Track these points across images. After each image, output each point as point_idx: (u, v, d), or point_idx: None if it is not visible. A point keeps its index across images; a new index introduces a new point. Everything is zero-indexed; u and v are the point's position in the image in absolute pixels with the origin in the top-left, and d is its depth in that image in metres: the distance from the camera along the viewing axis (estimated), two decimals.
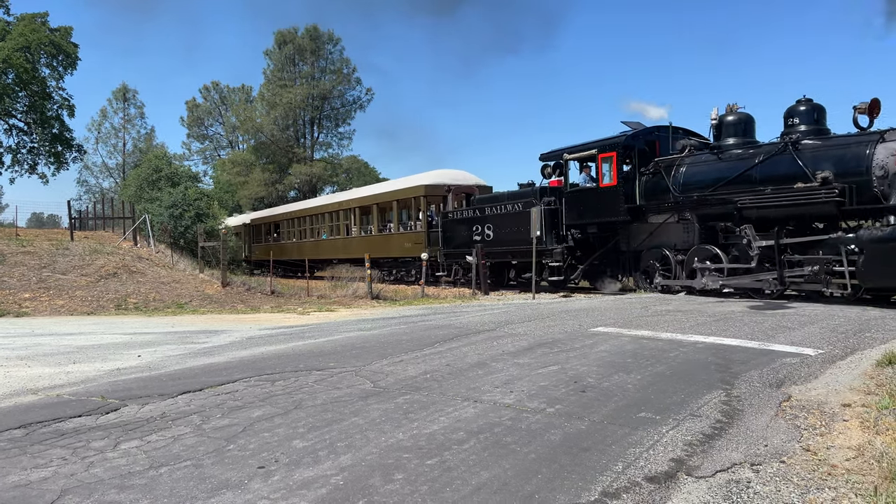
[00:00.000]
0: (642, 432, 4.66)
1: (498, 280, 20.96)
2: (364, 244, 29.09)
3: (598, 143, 17.28)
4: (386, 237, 28.45)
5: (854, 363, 6.83)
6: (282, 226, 40.12)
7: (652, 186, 16.36)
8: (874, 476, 3.78)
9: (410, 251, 25.79)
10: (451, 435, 4.65)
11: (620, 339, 8.57)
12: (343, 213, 32.47)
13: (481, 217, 21.12)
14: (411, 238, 26.13)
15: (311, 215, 36.24)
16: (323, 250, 33.65)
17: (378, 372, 6.92)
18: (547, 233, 18.05)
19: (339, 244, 32.42)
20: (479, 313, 12.55)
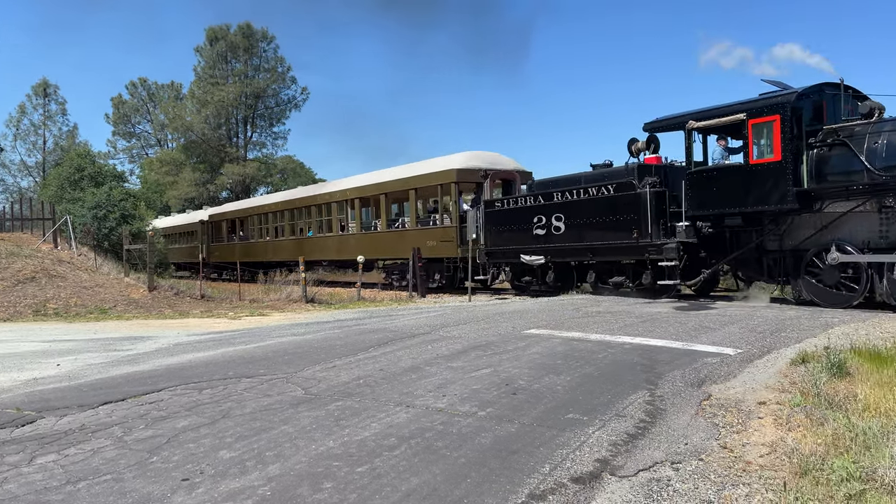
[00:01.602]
0: (570, 433, 4.76)
1: (565, 285, 16.53)
2: (366, 243, 24.20)
3: (747, 105, 12.66)
4: (399, 234, 22.94)
5: (770, 362, 7.16)
6: (250, 222, 34.50)
7: (830, 163, 11.79)
8: (785, 472, 3.98)
9: (436, 251, 20.74)
10: (383, 441, 4.65)
11: (552, 341, 8.73)
12: (337, 205, 26.56)
13: (547, 206, 16.39)
14: (437, 234, 20.84)
15: (291, 209, 30.37)
16: (308, 250, 27.72)
17: (310, 378, 6.84)
18: (653, 223, 13.85)
19: (330, 243, 26.88)
20: (414, 316, 12.56)
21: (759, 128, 12.39)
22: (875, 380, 5.81)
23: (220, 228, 38.16)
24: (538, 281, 16.91)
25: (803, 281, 12.23)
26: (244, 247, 34.34)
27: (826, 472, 3.83)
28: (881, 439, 4.24)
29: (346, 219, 26.26)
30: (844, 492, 3.57)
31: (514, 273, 17.85)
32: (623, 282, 14.91)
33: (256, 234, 33.48)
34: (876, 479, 3.71)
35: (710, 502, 3.61)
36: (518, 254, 17.06)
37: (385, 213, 23.94)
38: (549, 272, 16.50)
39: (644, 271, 14.31)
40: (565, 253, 16.03)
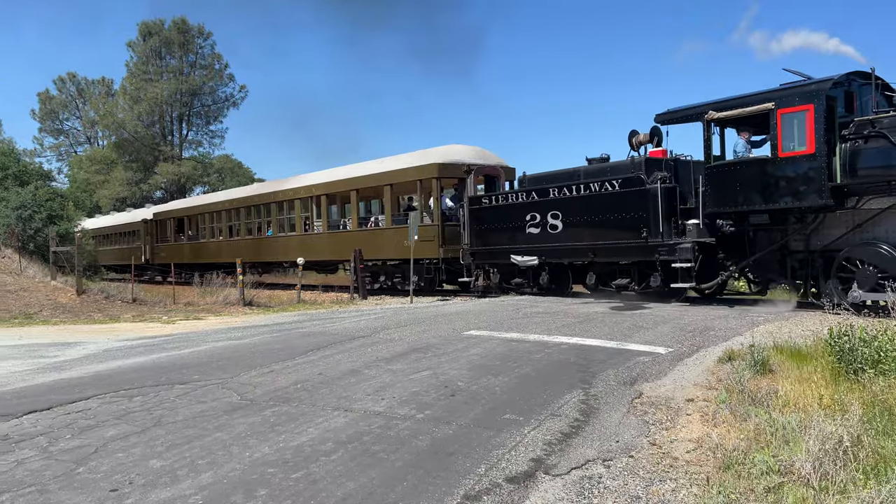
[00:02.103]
0: (506, 434, 4.84)
1: (559, 287, 15.50)
2: (335, 243, 22.41)
3: (776, 93, 11.57)
4: (372, 233, 21.29)
5: (699, 360, 7.43)
6: (200, 221, 31.85)
7: (866, 156, 10.80)
8: (710, 466, 4.14)
9: (415, 251, 19.34)
10: (320, 446, 4.62)
11: (491, 342, 8.83)
12: (301, 202, 24.46)
13: (541, 202, 15.20)
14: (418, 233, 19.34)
15: (248, 207, 28.14)
16: (267, 251, 26.41)
17: (246, 384, 6.73)
18: (664, 222, 12.80)
19: (293, 243, 24.70)
20: (356, 319, 12.49)
21: (789, 118, 11.30)
22: (795, 376, 6.10)
23: (166, 228, 35.35)
24: (529, 283, 15.83)
25: (833, 284, 11.15)
26: (194, 247, 31.99)
27: (748, 465, 4.00)
28: (799, 433, 4.46)
29: (311, 217, 24.18)
30: (764, 485, 3.75)
31: (501, 274, 16.66)
32: (627, 284, 13.78)
33: (208, 234, 30.99)
34: (794, 472, 3.90)
35: (639, 498, 3.73)
36: (508, 254, 15.90)
37: (356, 211, 22.41)
38: (542, 274, 15.41)
39: (652, 273, 13.24)
40: (563, 253, 14.87)
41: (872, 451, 4.03)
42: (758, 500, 3.57)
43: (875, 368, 5.89)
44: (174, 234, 34.54)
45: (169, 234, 35.04)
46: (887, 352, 5.96)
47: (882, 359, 5.94)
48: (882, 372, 5.81)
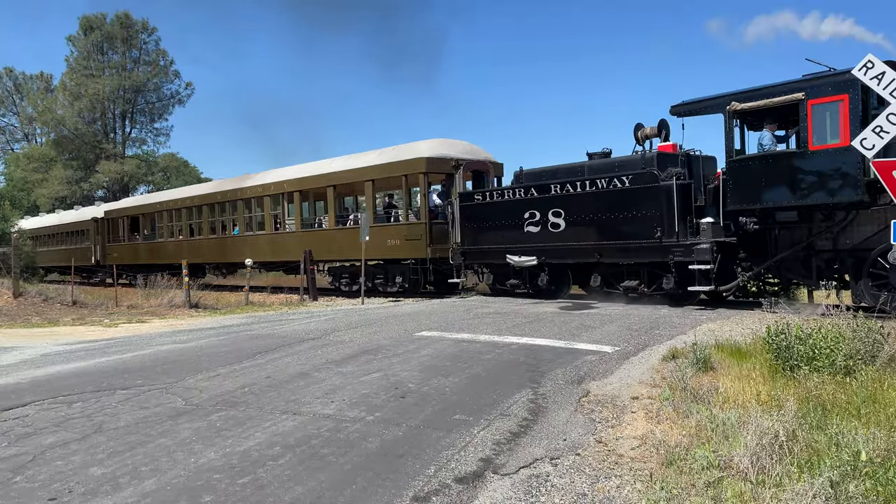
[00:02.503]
0: (456, 435, 4.87)
1: (559, 289, 14.82)
2: (309, 242, 20.53)
3: (805, 83, 10.88)
4: (352, 232, 19.41)
5: (644, 358, 7.61)
6: (158, 219, 29.77)
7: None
8: (653, 463, 4.25)
9: (399, 251, 18.26)
10: (267, 451, 4.56)
11: (442, 343, 8.86)
12: (271, 199, 22.94)
13: (542, 199, 14.38)
14: (401, 232, 18.32)
15: (211, 204, 26.23)
16: (233, 251, 24.50)
17: (191, 388, 6.59)
18: (679, 220, 12.09)
19: (262, 243, 23.30)
20: (305, 321, 12.36)
21: (821, 109, 10.66)
22: (735, 373, 6.30)
23: (119, 227, 32.93)
24: (525, 284, 14.97)
25: (864, 284, 10.68)
26: (151, 247, 30.02)
27: (689, 461, 4.12)
28: (738, 429, 4.60)
29: (282, 215, 22.88)
30: (705, 479, 3.86)
31: (494, 276, 15.85)
32: (637, 286, 13.07)
33: (166, 233, 29.03)
34: (732, 467, 4.02)
35: (585, 495, 3.80)
36: (503, 254, 15.03)
37: (333, 209, 20.86)
38: (541, 275, 14.56)
39: (664, 275, 12.52)
40: (565, 253, 14.06)
41: (806, 444, 4.19)
42: (698, 495, 3.67)
43: (810, 365, 6.13)
44: (128, 233, 32.20)
45: (122, 234, 32.69)
46: (821, 349, 6.21)
47: (816, 356, 6.18)
48: (816, 368, 6.05)
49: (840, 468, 3.67)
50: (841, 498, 3.38)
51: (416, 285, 18.24)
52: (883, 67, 6.15)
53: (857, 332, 6.43)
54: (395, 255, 18.42)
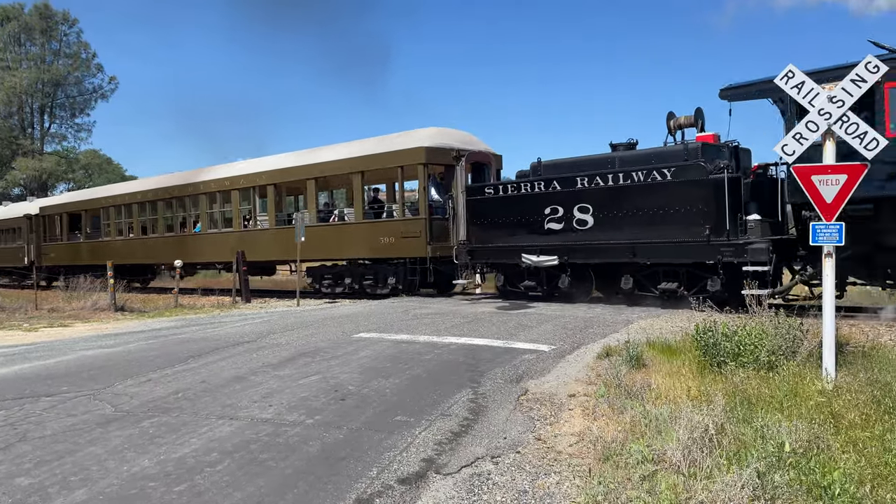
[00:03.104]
0: (397, 436, 4.87)
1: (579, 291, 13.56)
2: (286, 241, 18.70)
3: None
4: (338, 230, 18.39)
5: (580, 357, 7.78)
6: (104, 216, 27.16)
7: None
8: (591, 458, 4.36)
9: (393, 249, 16.74)
10: (204, 457, 4.45)
11: (381, 344, 8.83)
12: (240, 193, 21.11)
13: (565, 193, 13.12)
14: (395, 229, 16.77)
15: (168, 199, 23.98)
16: (195, 250, 22.37)
17: (121, 394, 6.36)
18: (730, 217, 11.03)
19: (229, 242, 20.88)
20: (239, 324, 12.09)
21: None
22: (666, 370, 6.53)
23: (56, 224, 30.06)
24: (542, 286, 13.77)
25: None
26: (95, 247, 27.37)
27: (625, 456, 4.25)
28: (670, 424, 4.77)
29: (253, 210, 21.13)
30: (640, 473, 3.99)
31: (506, 277, 14.57)
32: (676, 289, 11.91)
33: (114, 231, 26.62)
34: (666, 460, 4.17)
35: (526, 492, 3.87)
36: (519, 253, 13.77)
37: (314, 204, 19.16)
38: (562, 276, 13.34)
39: (708, 276, 11.48)
40: (592, 253, 12.83)
41: (734, 437, 4.39)
42: (634, 489, 3.79)
43: (735, 361, 6.41)
44: (67, 231, 29.33)
45: (60, 233, 29.87)
46: (745, 346, 6.51)
47: (741, 352, 6.47)
48: (741, 364, 6.34)
49: (766, 459, 3.86)
50: (767, 487, 3.55)
51: (411, 286, 16.92)
52: (803, 77, 6.47)
53: (779, 328, 6.76)
54: (388, 254, 16.94)
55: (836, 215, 6.17)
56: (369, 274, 17.62)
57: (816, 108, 6.30)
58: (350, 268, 18.29)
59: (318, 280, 19.13)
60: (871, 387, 5.44)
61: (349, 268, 18.33)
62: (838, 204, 6.16)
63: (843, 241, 6.14)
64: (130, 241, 25.74)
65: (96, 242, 27.54)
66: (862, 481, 3.65)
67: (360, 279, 17.83)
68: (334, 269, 18.77)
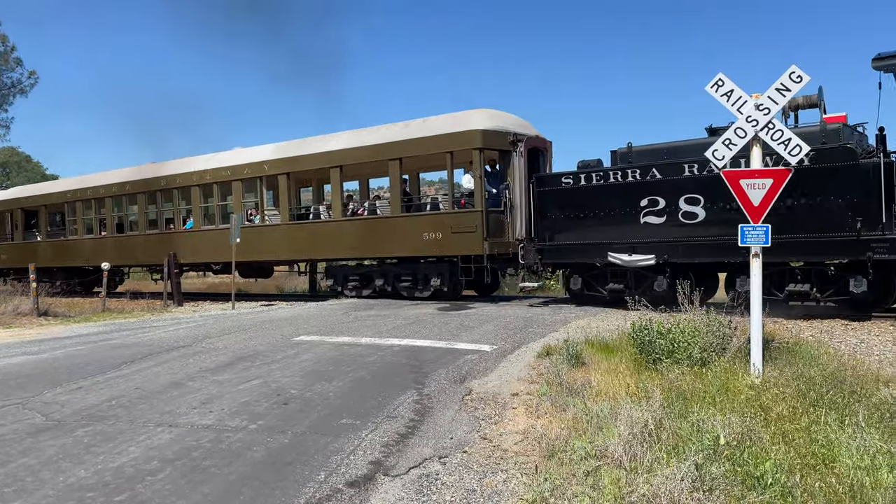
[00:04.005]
0: (344, 439, 4.84)
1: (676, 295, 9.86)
2: (303, 238, 17.00)
3: None
4: (370, 225, 16.05)
5: (521, 356, 7.91)
6: (70, 211, 24.19)
7: None
8: (536, 456, 4.45)
9: (440, 246, 14.59)
10: (144, 465, 4.32)
11: (323, 347, 8.74)
12: (244, 184, 18.54)
13: (667, 182, 11.42)
14: (447, 222, 14.51)
15: (151, 191, 21.26)
16: (188, 250, 19.80)
17: (51, 402, 6.10)
18: (886, 209, 9.66)
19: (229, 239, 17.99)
20: (172, 328, 11.75)
21: None
22: (605, 367, 6.72)
23: (6, 222, 26.92)
24: (631, 289, 11.93)
25: None
26: (57, 247, 24.50)
27: (569, 452, 4.35)
28: (611, 420, 4.91)
29: (260, 204, 18.55)
30: (584, 469, 4.09)
31: (584, 279, 12.74)
32: (809, 292, 10.48)
33: (81, 229, 23.59)
34: (608, 456, 4.29)
35: (474, 490, 3.92)
36: (604, 251, 12.04)
37: (339, 195, 16.75)
38: (658, 278, 11.64)
39: (850, 276, 10.11)
40: (702, 250, 11.15)
41: (672, 432, 4.55)
42: (579, 484, 3.89)
43: (670, 358, 6.64)
44: (22, 230, 26.16)
45: (11, 231, 26.65)
46: (679, 343, 6.75)
47: (675, 349, 6.72)
48: (676, 361, 6.57)
49: (703, 452, 4.02)
50: (705, 479, 3.70)
51: (456, 288, 15.05)
52: (731, 86, 6.77)
53: (710, 326, 7.04)
54: (432, 252, 14.91)
55: (763, 217, 6.47)
56: (406, 274, 15.42)
57: (744, 116, 6.59)
58: (382, 267, 16.06)
59: (340, 281, 16.75)
60: (796, 381, 5.73)
61: (380, 267, 16.09)
62: (765, 207, 6.46)
63: (769, 242, 6.44)
64: (103, 240, 22.64)
65: (58, 242, 24.60)
66: (791, 471, 3.85)
67: (392, 280, 15.69)
68: (361, 269, 16.58)
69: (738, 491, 3.64)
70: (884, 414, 4.79)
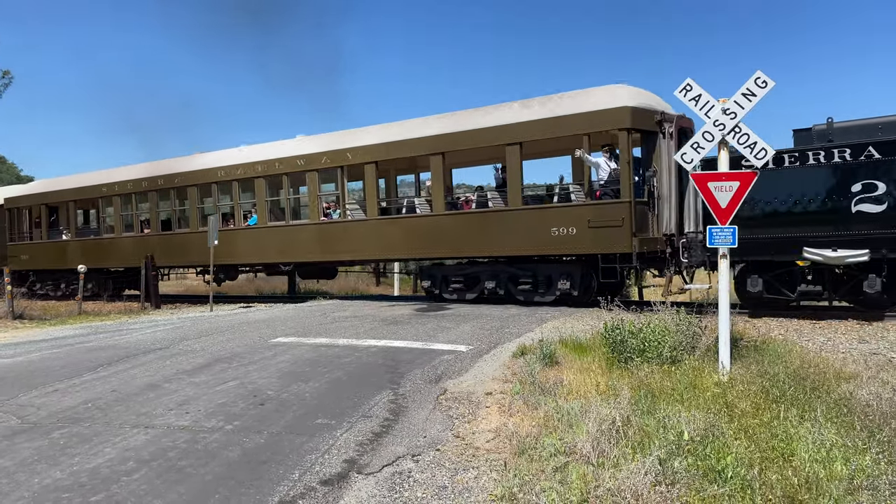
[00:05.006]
0: (319, 438, 4.92)
1: None
2: (394, 233, 15.21)
3: None
4: (481, 218, 14.00)
5: (496, 356, 8.02)
6: (106, 207, 21.80)
7: None
8: (507, 453, 4.55)
9: (573, 243, 12.66)
10: (120, 466, 4.37)
11: (300, 349, 8.79)
12: (319, 175, 16.43)
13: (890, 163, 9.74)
14: (584, 215, 12.58)
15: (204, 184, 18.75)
16: (249, 248, 17.81)
17: (26, 405, 6.10)
18: None
19: (305, 236, 16.63)
20: (149, 330, 11.72)
21: None
22: (578, 366, 6.84)
23: (25, 219, 24.15)
24: (830, 291, 10.51)
25: None
26: (89, 246, 21.71)
27: (539, 449, 4.47)
28: (581, 417, 5.04)
29: (341, 197, 16.35)
30: (553, 465, 4.21)
31: (765, 279, 10.84)
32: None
33: (119, 226, 20.93)
34: (577, 452, 4.41)
35: (446, 487, 4.02)
36: (796, 246, 10.24)
37: (441, 186, 14.45)
38: (870, 276, 10.00)
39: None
40: None
41: (639, 428, 4.69)
42: (548, 479, 4.01)
43: (641, 357, 6.80)
44: (46, 227, 23.29)
45: (30, 229, 23.96)
46: (650, 342, 6.91)
47: (646, 348, 6.88)
48: (647, 359, 6.73)
49: (667, 447, 4.16)
50: (668, 473, 3.83)
51: (588, 291, 13.20)
52: (700, 90, 6.94)
53: (681, 325, 7.21)
54: (561, 249, 13.05)
55: (730, 219, 6.64)
56: (524, 275, 13.45)
57: (712, 120, 6.77)
58: (493, 267, 14.11)
59: (439, 283, 14.81)
60: (761, 378, 5.90)
61: (491, 267, 14.14)
62: (732, 208, 6.64)
63: (736, 243, 6.62)
64: (146, 239, 20.18)
65: (91, 241, 22.04)
66: (752, 465, 4.00)
67: (506, 282, 13.68)
68: (466, 270, 14.60)
69: (700, 484, 3.77)
70: (841, 409, 4.96)
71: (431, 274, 15.04)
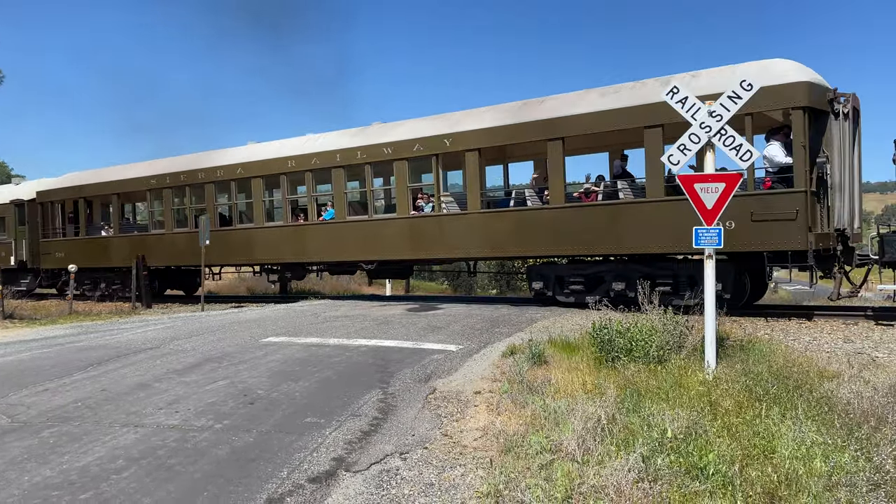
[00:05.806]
0: (308, 437, 4.96)
1: None
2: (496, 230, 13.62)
3: None
4: (610, 211, 12.41)
5: (486, 355, 8.08)
6: (154, 200, 20.20)
7: None
8: (493, 451, 4.61)
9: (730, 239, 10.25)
10: (109, 465, 4.40)
11: (291, 348, 8.82)
12: (408, 164, 14.81)
13: None
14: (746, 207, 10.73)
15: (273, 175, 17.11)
16: (323, 245, 16.24)
17: (16, 405, 6.12)
18: None
19: (394, 231, 15.06)
20: (140, 330, 11.72)
21: None
22: (566, 365, 6.91)
23: (58, 214, 22.53)
24: None
25: None
26: (136, 243, 20.26)
27: (525, 447, 4.52)
28: (567, 416, 5.10)
29: (437, 189, 14.71)
30: (538, 462, 4.27)
31: None
32: None
33: (171, 221, 19.43)
34: (562, 450, 4.47)
35: (433, 485, 4.07)
36: None
37: (561, 176, 12.83)
38: None
39: None
40: None
41: (624, 426, 4.75)
42: (533, 477, 4.06)
43: (628, 356, 6.87)
44: (86, 223, 21.77)
45: (62, 225, 22.42)
46: (637, 341, 6.98)
47: (633, 347, 6.95)
48: (633, 358, 6.80)
49: (650, 445, 4.22)
50: (651, 470, 3.90)
51: (741, 294, 11.96)
52: (686, 93, 7.03)
53: (667, 325, 7.28)
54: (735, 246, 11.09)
55: (717, 220, 6.72)
56: (662, 275, 11.93)
57: (698, 122, 6.84)
58: (622, 266, 12.59)
59: (552, 285, 13.34)
60: (745, 377, 5.98)
61: (618, 266, 12.62)
62: (718, 209, 6.71)
63: (721, 244, 6.69)
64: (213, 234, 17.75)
65: (138, 237, 20.49)
66: (733, 462, 4.07)
67: (635, 284, 10.98)
68: (586, 269, 13.12)
69: (681, 481, 3.84)
70: (822, 407, 5.04)
71: (543, 274, 13.58)
